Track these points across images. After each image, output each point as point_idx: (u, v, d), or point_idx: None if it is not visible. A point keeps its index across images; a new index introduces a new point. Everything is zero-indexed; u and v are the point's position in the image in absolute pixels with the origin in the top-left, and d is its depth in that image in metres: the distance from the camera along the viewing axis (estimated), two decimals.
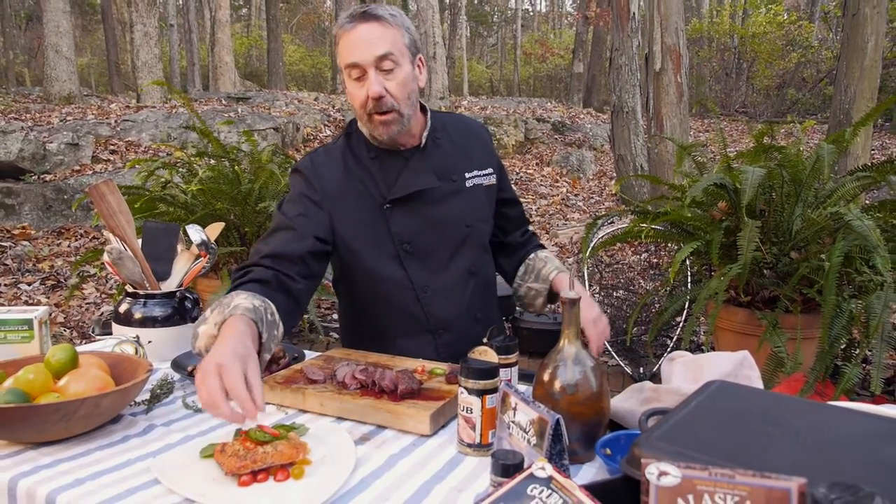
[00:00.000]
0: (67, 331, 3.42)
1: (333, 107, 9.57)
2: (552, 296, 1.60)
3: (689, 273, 2.75)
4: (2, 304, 3.68)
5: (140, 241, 1.64)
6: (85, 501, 0.91)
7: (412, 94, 1.41)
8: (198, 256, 1.67)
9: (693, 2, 20.96)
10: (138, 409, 1.26)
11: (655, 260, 4.21)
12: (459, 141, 1.57)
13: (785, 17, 15.22)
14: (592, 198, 7.84)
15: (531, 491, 0.77)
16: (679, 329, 2.89)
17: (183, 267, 1.68)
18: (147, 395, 1.30)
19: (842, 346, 2.11)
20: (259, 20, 26.46)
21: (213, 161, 2.97)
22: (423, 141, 1.50)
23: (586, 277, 3.15)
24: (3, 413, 1.00)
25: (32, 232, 5.01)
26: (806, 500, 0.65)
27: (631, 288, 4.06)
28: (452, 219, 1.52)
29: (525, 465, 0.84)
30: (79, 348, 1.34)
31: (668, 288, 2.71)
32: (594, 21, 14.64)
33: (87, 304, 3.80)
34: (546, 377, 1.07)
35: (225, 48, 13.07)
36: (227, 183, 2.75)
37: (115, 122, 6.59)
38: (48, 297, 3.87)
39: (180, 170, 2.94)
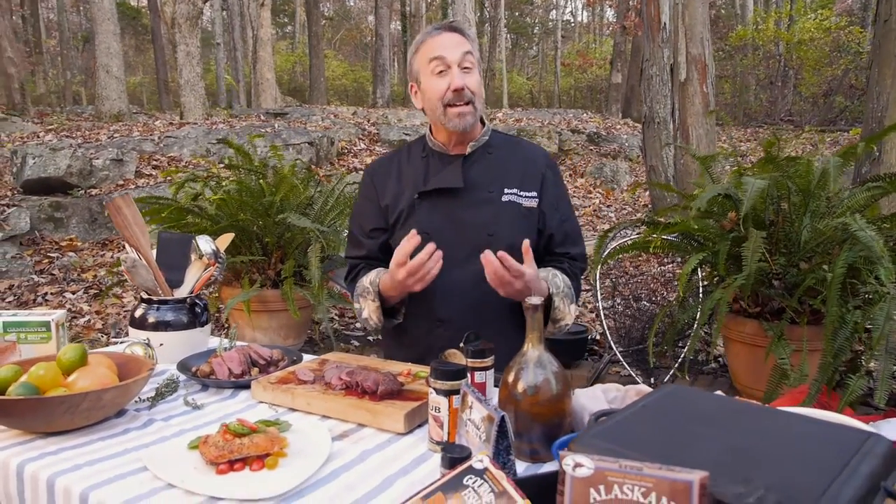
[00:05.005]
0: (105, 336, 3.61)
1: (368, 121, 9.76)
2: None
3: (700, 284, 2.75)
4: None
5: (155, 250, 1.76)
6: (79, 484, 1.01)
7: (482, 97, 1.62)
8: (208, 265, 1.77)
9: (738, 9, 20.61)
10: (143, 405, 1.36)
11: (679, 271, 4.19)
12: (510, 160, 1.69)
13: (834, 23, 14.83)
14: (625, 209, 7.80)
15: (467, 481, 0.83)
16: (690, 339, 2.88)
17: (195, 275, 1.79)
18: (153, 393, 1.41)
19: (847, 358, 2.09)
20: (303, 37, 27.09)
21: (241, 174, 3.12)
22: (469, 150, 1.66)
23: (598, 288, 3.17)
24: (15, 404, 1.12)
25: (79, 244, 5.29)
26: (706, 491, 0.69)
27: (654, 299, 4.05)
28: (476, 224, 1.62)
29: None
30: (97, 350, 1.45)
31: (679, 300, 2.72)
32: (632, 31, 14.56)
33: (125, 311, 3.99)
34: (510, 379, 1.13)
35: (266, 65, 13.47)
36: (250, 195, 2.89)
37: (159, 138, 6.89)
38: (90, 305, 4.08)
39: (209, 182, 3.10)
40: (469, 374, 1.26)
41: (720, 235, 2.46)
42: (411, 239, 1.46)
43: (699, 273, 2.77)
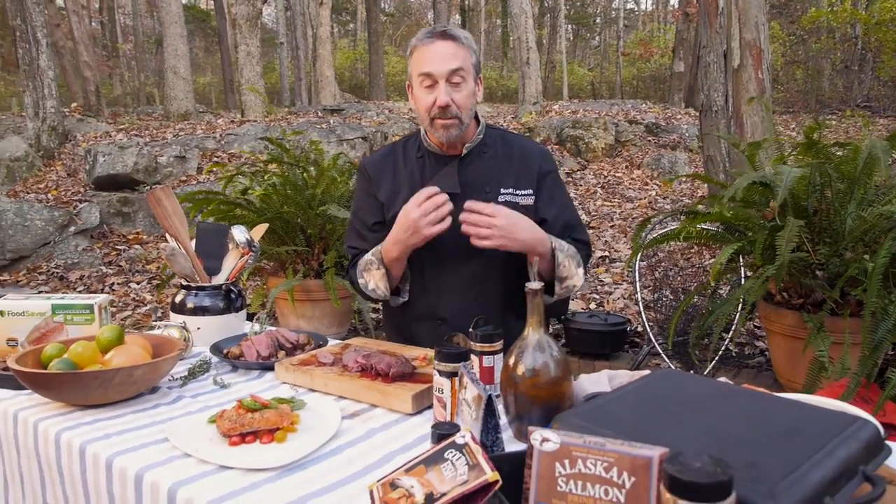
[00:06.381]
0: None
1: None
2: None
3: (743, 275, 2.68)
4: (114, 301, 4.14)
5: (195, 240, 1.87)
6: (106, 451, 1.10)
7: (472, 106, 1.62)
8: (243, 254, 1.87)
9: None
10: (175, 383, 1.46)
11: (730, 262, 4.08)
12: (507, 158, 1.70)
13: None
14: (681, 200, 7.61)
15: (447, 455, 0.87)
16: (731, 331, 2.82)
17: (232, 263, 1.88)
18: (186, 373, 1.50)
19: (890, 351, 2.01)
20: (364, 34, 27.44)
21: (284, 168, 3.24)
22: (465, 151, 1.66)
23: (637, 276, 3.13)
24: (54, 378, 1.22)
25: (144, 237, 5.59)
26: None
27: (704, 291, 3.97)
28: None
29: None
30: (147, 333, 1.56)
31: (710, 290, 2.66)
32: (695, 18, 14.11)
33: None
34: (511, 361, 1.16)
35: (326, 63, 13.76)
36: (293, 188, 3.00)
37: (220, 135, 7.17)
38: (152, 295, 4.31)
39: (256, 177, 3.24)
40: (478, 359, 1.30)
41: (760, 225, 2.40)
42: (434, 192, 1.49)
43: (741, 263, 2.70)
